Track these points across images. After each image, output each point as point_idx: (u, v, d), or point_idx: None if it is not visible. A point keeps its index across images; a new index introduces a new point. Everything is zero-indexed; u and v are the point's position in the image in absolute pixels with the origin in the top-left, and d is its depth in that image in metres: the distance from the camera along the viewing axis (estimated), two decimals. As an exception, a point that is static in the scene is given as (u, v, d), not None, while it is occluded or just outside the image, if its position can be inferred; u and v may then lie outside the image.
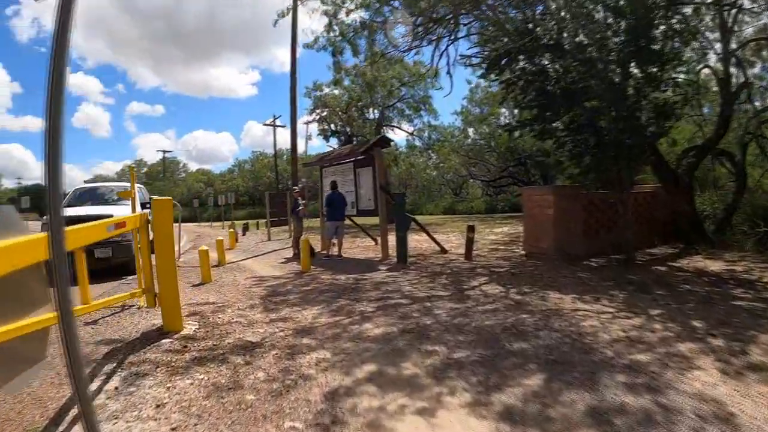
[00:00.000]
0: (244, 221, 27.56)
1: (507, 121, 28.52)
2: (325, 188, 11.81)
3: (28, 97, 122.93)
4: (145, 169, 67.04)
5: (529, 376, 3.31)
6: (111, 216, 7.79)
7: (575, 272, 7.39)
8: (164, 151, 64.57)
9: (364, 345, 4.13)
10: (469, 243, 9.65)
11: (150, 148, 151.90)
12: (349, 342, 4.23)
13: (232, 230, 14.23)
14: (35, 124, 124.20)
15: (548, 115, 8.47)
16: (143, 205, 9.45)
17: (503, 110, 29.50)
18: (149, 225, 4.93)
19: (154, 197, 11.60)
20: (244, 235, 19.64)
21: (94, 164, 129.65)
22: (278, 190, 31.76)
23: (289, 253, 11.41)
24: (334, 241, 10.48)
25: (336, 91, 28.44)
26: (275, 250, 12.74)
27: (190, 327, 4.84)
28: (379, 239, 13.19)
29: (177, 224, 13.68)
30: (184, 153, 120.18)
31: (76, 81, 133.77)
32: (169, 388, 3.28)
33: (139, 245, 5.34)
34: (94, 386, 3.33)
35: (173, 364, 3.78)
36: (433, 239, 10.94)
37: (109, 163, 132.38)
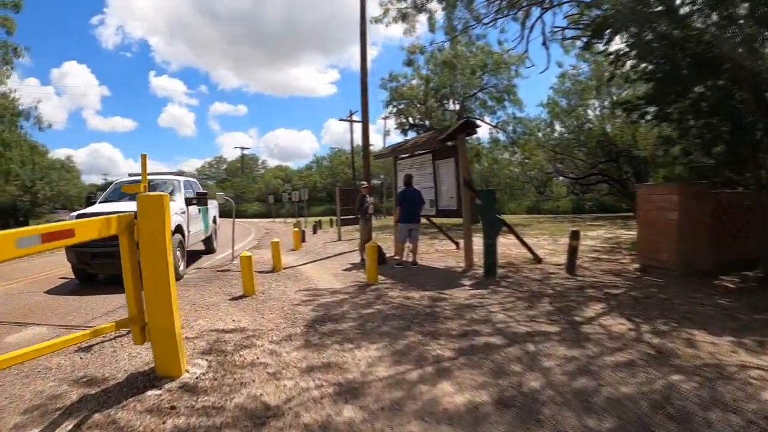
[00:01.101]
0: (318, 218, 27.05)
1: (598, 111, 26.48)
2: (399, 184, 10.38)
3: (116, 100, 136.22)
4: (224, 166, 70.38)
5: None
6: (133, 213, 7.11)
7: (711, 296, 5.81)
8: (242, 148, 67.24)
9: (438, 430, 2.60)
10: (573, 253, 7.79)
11: (233, 146, 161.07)
12: (415, 421, 2.70)
13: (297, 229, 13.27)
14: (123, 124, 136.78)
15: (672, 92, 6.45)
16: (189, 201, 8.62)
17: (593, 101, 26.74)
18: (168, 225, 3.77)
19: (208, 192, 10.86)
20: (314, 233, 18.86)
21: (179, 161, 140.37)
22: (354, 185, 31.01)
23: (357, 258, 10.12)
24: (408, 245, 8.99)
25: (414, 81, 27.27)
26: (343, 253, 11.53)
27: (195, 370, 3.61)
28: (461, 243, 11.59)
29: (223, 222, 13.41)
30: (265, 150, 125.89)
31: (161, 83, 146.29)
32: None
33: (134, 256, 4.17)
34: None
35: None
36: (526, 246, 9.09)
37: (194, 160, 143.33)
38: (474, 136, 20.30)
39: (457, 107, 27.02)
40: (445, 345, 4.10)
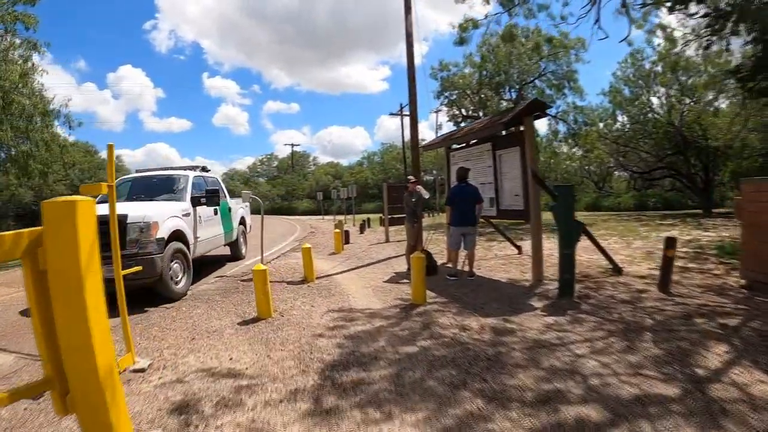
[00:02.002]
0: (367, 216, 25.97)
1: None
2: (453, 180, 8.99)
3: (170, 101, 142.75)
4: (275, 163, 71.04)
5: None
6: (124, 217, 6.01)
7: None
8: (292, 145, 67.51)
9: None
10: (668, 267, 6.13)
11: (287, 144, 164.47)
12: None
13: (338, 231, 12.12)
14: (178, 124, 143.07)
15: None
16: (196, 200, 7.76)
17: (659, 89, 24.15)
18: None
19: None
20: (361, 232, 17.74)
21: (234, 159, 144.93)
22: (405, 181, 29.70)
23: (404, 265, 8.80)
24: (463, 252, 7.56)
25: (466, 70, 25.69)
26: (388, 259, 10.26)
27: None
28: (523, 246, 10.05)
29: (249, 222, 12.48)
30: (319, 148, 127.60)
31: (214, 84, 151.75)
32: None
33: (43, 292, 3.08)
34: None
35: None
36: (605, 253, 7.47)
37: (247, 158, 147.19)
38: (550, 107, 18.62)
39: (514, 96, 25.16)
40: (518, 422, 2.73)
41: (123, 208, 6.06)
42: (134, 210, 6.31)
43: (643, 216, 23.26)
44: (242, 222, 11.26)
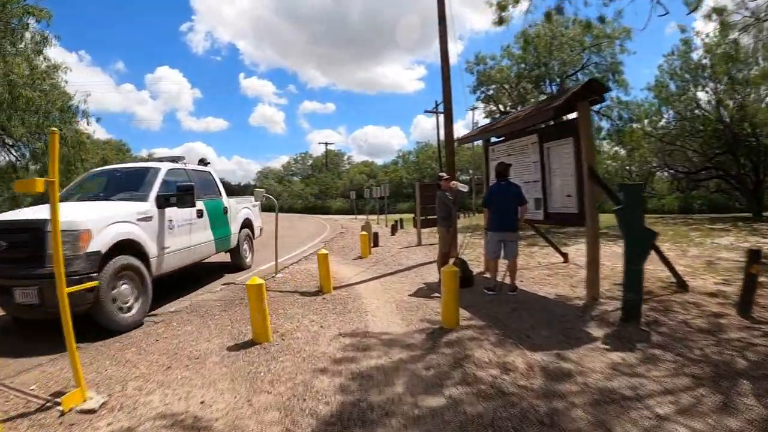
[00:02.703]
0: (400, 216, 24.99)
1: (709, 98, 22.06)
2: (492, 178, 7.92)
3: (207, 101, 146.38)
4: (310, 162, 70.94)
5: None
6: (41, 224, 4.63)
7: None
8: (326, 143, 67.17)
9: None
10: (751, 286, 4.91)
11: (321, 142, 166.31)
12: None
13: (365, 233, 11.17)
14: (216, 124, 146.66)
15: None
16: (163, 200, 6.18)
17: (707, 83, 22.13)
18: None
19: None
20: (393, 234, 16.72)
21: (270, 158, 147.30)
22: (437, 178, 28.58)
23: (435, 275, 7.77)
24: (503, 262, 6.47)
25: (504, 62, 24.44)
26: (419, 266, 9.22)
27: None
28: (567, 252, 8.87)
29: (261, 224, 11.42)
30: (355, 147, 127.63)
31: (250, 84, 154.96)
32: None
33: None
34: None
35: None
36: (672, 268, 6.27)
37: (283, 157, 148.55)
38: (609, 92, 17.27)
39: (555, 90, 23.71)
40: None
41: (65, 210, 5.00)
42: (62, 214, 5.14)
43: (690, 219, 21.62)
44: (247, 225, 9.58)
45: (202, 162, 8.63)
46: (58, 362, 4.12)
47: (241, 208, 9.29)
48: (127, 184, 6.55)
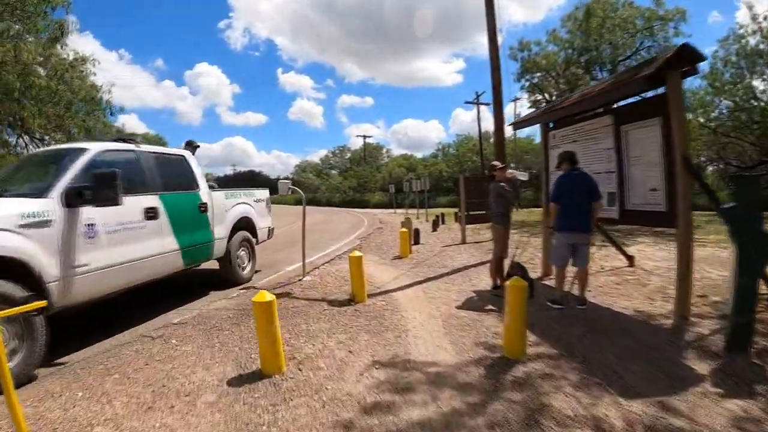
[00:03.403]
0: (441, 210, 23.79)
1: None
2: (552, 169, 6.73)
3: (246, 96, 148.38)
4: (348, 155, 70.33)
5: None
6: None
7: None
8: (364, 136, 66.01)
9: None
10: None
11: (359, 135, 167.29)
12: None
13: (405, 230, 10.10)
14: (255, 118, 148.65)
15: None
16: (78, 194, 4.33)
17: (765, 69, 19.78)
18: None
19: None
20: (434, 230, 15.58)
21: (309, 152, 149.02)
22: (483, 173, 27.18)
23: (486, 280, 6.64)
24: (571, 269, 5.28)
25: (550, 47, 22.81)
26: (466, 268, 8.08)
27: None
28: (633, 257, 7.60)
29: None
30: (393, 141, 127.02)
31: (288, 79, 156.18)
32: None
33: None
34: None
35: None
36: None
37: (322, 151, 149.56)
38: (704, 60, 15.65)
39: (606, 76, 22.02)
40: None
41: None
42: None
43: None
44: (244, 226, 7.49)
45: (190, 145, 7.07)
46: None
47: (233, 205, 7.22)
48: (36, 174, 5.05)
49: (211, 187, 6.91)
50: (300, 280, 7.04)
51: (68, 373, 3.72)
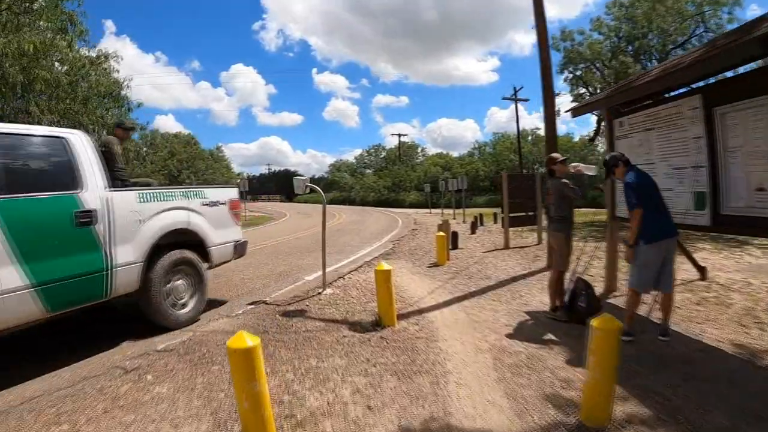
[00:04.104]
0: (479, 211, 22.52)
1: None
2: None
3: (282, 96, 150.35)
4: (383, 154, 69.49)
5: None
6: None
7: None
8: (399, 135, 64.99)
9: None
10: None
11: (394, 134, 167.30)
12: None
13: (442, 234, 8.99)
14: (291, 118, 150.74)
15: None
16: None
17: None
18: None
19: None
20: (473, 232, 14.36)
21: (344, 152, 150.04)
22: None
23: (541, 296, 5.51)
24: (655, 294, 4.10)
25: (595, 36, 21.33)
26: (513, 280, 6.94)
27: None
28: (705, 269, 6.39)
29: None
30: (429, 141, 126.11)
31: (323, 79, 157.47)
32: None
33: None
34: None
35: None
36: None
37: (357, 150, 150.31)
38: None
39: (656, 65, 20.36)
40: None
41: None
42: None
43: None
44: (185, 242, 5.09)
45: (121, 126, 5.78)
46: None
47: (155, 212, 4.73)
48: None
49: (133, 185, 5.21)
50: (320, 293, 6.06)
51: (13, 417, 2.88)
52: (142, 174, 33.30)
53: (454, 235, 10.78)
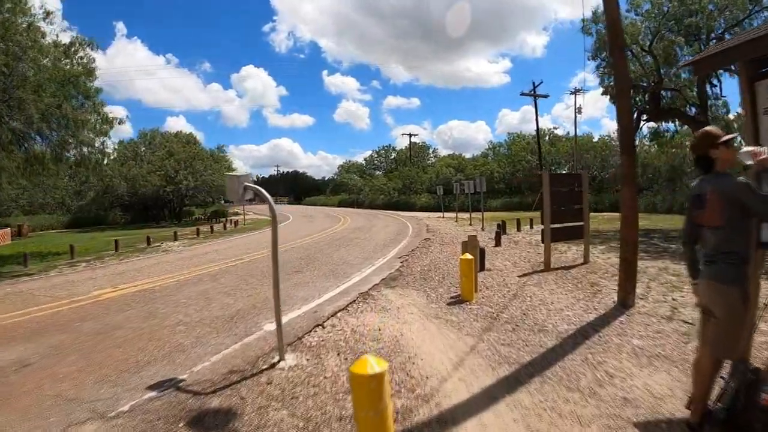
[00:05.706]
0: (498, 215, 20.05)
1: None
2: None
3: (293, 98, 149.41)
4: (393, 156, 67.24)
5: None
6: None
7: None
8: (410, 135, 62.46)
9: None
10: None
11: (404, 134, 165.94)
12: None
13: (468, 256, 6.49)
14: (301, 120, 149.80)
15: None
16: None
17: None
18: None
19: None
20: (497, 244, 11.86)
21: (355, 153, 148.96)
22: (538, 173, 23.18)
23: (642, 375, 3.10)
24: None
25: (632, 16, 18.77)
26: (583, 336, 4.49)
27: None
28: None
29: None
30: (440, 142, 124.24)
31: (334, 81, 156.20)
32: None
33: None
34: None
35: None
36: None
37: (368, 152, 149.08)
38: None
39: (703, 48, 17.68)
40: None
41: None
42: None
43: None
44: None
45: None
46: None
47: None
48: None
49: None
50: (275, 364, 3.68)
51: None
52: (138, 174, 31.33)
53: (482, 253, 8.36)
